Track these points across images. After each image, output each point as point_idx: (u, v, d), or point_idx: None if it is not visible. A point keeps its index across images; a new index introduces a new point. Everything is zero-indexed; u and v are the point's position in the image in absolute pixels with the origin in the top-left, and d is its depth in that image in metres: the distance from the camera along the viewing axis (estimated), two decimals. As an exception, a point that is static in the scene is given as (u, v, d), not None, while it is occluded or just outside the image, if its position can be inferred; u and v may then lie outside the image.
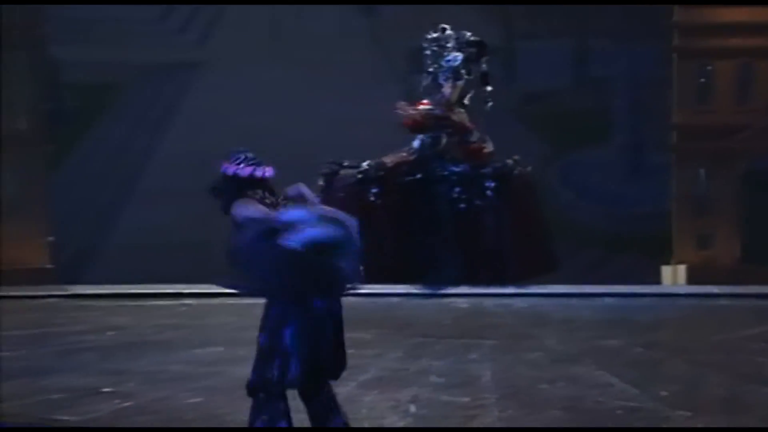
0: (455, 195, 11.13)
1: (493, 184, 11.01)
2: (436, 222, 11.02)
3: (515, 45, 15.75)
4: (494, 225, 10.92)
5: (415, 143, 11.45)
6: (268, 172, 6.14)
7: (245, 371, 7.92)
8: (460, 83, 11.61)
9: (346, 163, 11.41)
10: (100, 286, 11.29)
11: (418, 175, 11.20)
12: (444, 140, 11.28)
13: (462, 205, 11.07)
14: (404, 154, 11.45)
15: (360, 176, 11.09)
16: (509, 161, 11.11)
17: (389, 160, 11.38)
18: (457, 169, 11.14)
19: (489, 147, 11.31)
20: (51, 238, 20.24)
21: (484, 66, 11.67)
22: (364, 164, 11.32)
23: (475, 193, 11.08)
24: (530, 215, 11.04)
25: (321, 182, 11.40)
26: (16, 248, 20.17)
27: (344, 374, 7.95)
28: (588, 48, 25.86)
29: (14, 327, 8.88)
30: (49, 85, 18.49)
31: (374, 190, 10.97)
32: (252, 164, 6.07)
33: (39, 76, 18.69)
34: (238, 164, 6.02)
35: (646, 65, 26.41)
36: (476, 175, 11.20)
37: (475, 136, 11.23)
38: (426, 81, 11.90)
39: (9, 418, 6.70)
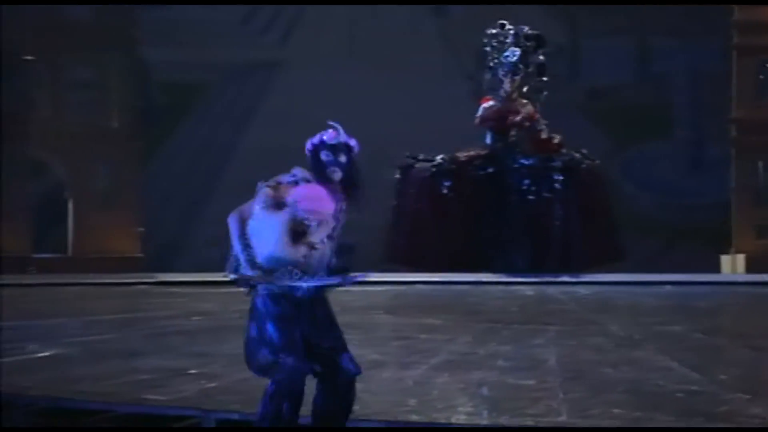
0: (524, 187, 11.13)
1: (561, 177, 10.99)
2: (506, 213, 11.00)
3: (580, 43, 15.63)
4: (562, 216, 10.90)
5: (488, 138, 11.44)
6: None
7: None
8: (518, 78, 11.58)
9: (421, 157, 11.46)
10: (187, 274, 11.36)
11: (490, 169, 11.20)
12: (514, 134, 11.26)
13: (531, 197, 11.06)
14: (477, 148, 11.45)
15: (434, 169, 11.12)
16: (577, 155, 11.08)
17: (462, 154, 11.39)
18: (527, 162, 11.14)
19: (557, 138, 11.29)
20: (141, 229, 20.41)
21: (541, 57, 11.64)
22: (438, 158, 11.37)
23: (544, 185, 11.07)
24: (597, 207, 11.01)
25: (397, 174, 11.43)
26: (109, 238, 20.37)
27: (416, 358, 7.95)
28: (650, 45, 25.69)
29: (107, 312, 8.97)
30: (140, 84, 18.67)
31: (446, 183, 11.01)
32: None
33: (131, 77, 18.87)
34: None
35: (706, 62, 26.16)
36: (545, 168, 11.19)
37: (542, 127, 11.20)
38: (488, 76, 11.86)
39: (104, 396, 6.76)
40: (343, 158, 5.32)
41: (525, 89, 11.35)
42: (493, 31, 11.41)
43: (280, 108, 17.02)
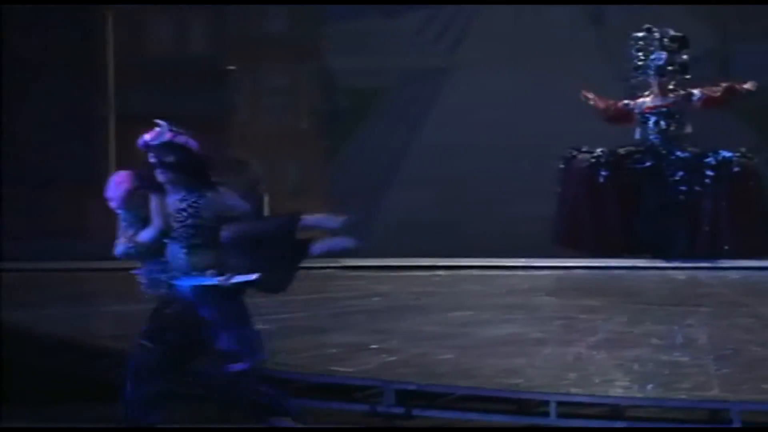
0: (677, 178, 10.83)
1: (713, 173, 10.65)
2: (661, 203, 10.76)
3: (730, 46, 15.17)
4: (712, 208, 10.57)
5: (644, 132, 11.17)
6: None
7: (491, 332, 7.92)
8: (665, 79, 11.28)
9: (583, 149, 11.27)
10: (368, 259, 11.43)
11: (647, 162, 10.95)
12: (672, 128, 10.98)
13: (684, 189, 10.76)
14: (635, 143, 11.21)
15: (593, 161, 10.95)
16: (730, 153, 10.73)
17: (622, 149, 11.18)
18: (682, 156, 10.84)
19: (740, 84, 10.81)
20: (328, 219, 20.64)
21: (684, 57, 11.31)
22: (598, 150, 11.16)
23: (696, 178, 10.76)
24: (748, 200, 10.63)
25: (561, 165, 11.30)
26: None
27: (575, 336, 7.83)
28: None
29: (296, 293, 9.05)
30: (326, 90, 18.81)
31: (604, 173, 10.82)
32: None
33: (319, 83, 19.03)
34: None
35: None
36: (698, 163, 10.86)
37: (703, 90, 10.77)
38: (635, 78, 11.58)
39: (295, 368, 6.84)
40: (170, 158, 4.87)
41: (671, 87, 11.01)
42: (639, 35, 11.14)
43: (450, 109, 16.94)
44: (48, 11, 14.55)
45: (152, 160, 4.83)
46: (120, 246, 4.98)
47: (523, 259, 10.89)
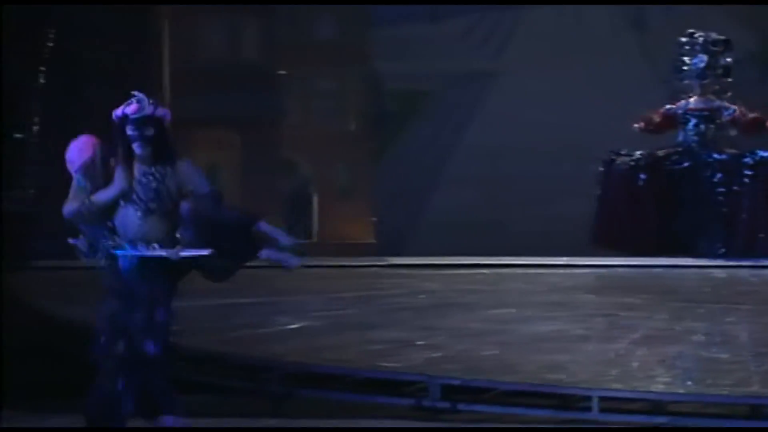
0: (716, 180, 10.73)
1: (751, 172, 10.54)
2: (701, 203, 10.67)
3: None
4: (750, 207, 10.47)
5: (680, 136, 11.08)
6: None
7: (534, 329, 7.88)
8: (708, 81, 11.16)
9: (623, 152, 11.19)
10: (414, 258, 11.42)
11: (685, 164, 10.86)
12: (711, 131, 10.87)
13: (722, 189, 10.66)
14: (674, 145, 11.11)
15: (632, 164, 10.87)
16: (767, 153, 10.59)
17: (661, 151, 11.09)
18: (720, 157, 10.75)
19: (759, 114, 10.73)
20: (374, 218, 20.67)
21: (728, 60, 11.18)
22: (637, 153, 11.08)
23: (735, 179, 10.65)
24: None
25: (601, 168, 11.22)
26: (347, 227, 20.69)
27: (617, 333, 7.77)
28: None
29: (346, 290, 9.08)
30: (373, 93, 18.84)
31: (642, 176, 10.74)
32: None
33: (366, 87, 19.06)
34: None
35: None
36: (737, 164, 10.75)
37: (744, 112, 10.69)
38: (678, 82, 11.48)
39: (345, 363, 6.83)
40: (149, 131, 4.67)
41: (714, 90, 10.93)
42: (684, 39, 11.05)
43: (493, 111, 16.91)
44: (106, 16, 14.64)
45: (130, 133, 4.64)
46: (70, 205, 4.76)
47: (564, 258, 10.83)
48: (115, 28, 15.22)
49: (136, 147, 4.73)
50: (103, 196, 4.78)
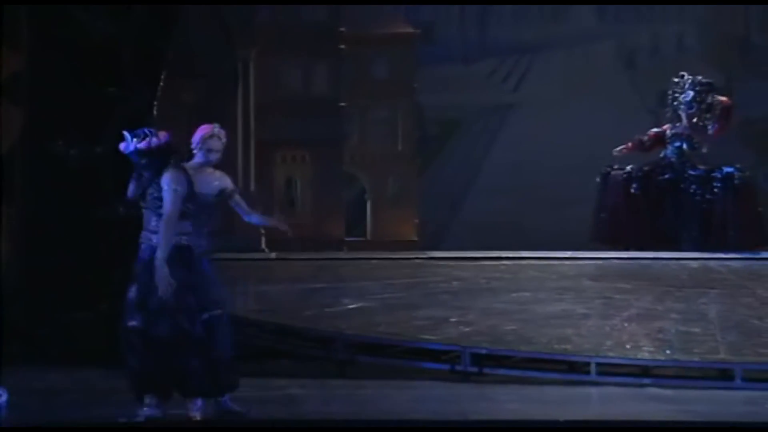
0: (692, 190, 10.74)
1: (720, 184, 10.57)
2: (680, 208, 10.68)
3: (734, 85, 14.98)
4: (719, 211, 10.49)
5: (666, 152, 11.06)
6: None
7: (546, 309, 7.91)
8: (692, 111, 11.15)
9: (616, 167, 11.22)
10: (449, 252, 11.46)
11: (667, 176, 10.87)
12: (685, 149, 10.87)
13: (697, 197, 10.67)
14: (657, 161, 11.11)
15: (625, 176, 10.89)
16: (732, 169, 10.61)
17: (647, 166, 11.09)
18: (694, 172, 10.76)
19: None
20: (417, 220, 20.79)
21: (710, 98, 11.16)
22: (629, 167, 11.11)
23: (707, 189, 10.66)
24: (748, 205, 10.55)
25: (598, 179, 11.25)
26: (395, 227, 20.82)
27: (612, 311, 7.79)
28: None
29: (395, 277, 9.17)
30: (418, 120, 19.02)
31: (635, 185, 10.76)
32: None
33: (412, 115, 19.24)
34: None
35: None
36: (708, 177, 10.78)
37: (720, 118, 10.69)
38: (668, 113, 11.50)
39: (395, 336, 6.91)
40: (141, 161, 4.66)
41: (695, 121, 10.99)
42: (676, 80, 11.24)
43: (515, 134, 17.03)
44: (200, 59, 14.90)
45: (133, 160, 4.76)
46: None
47: (570, 252, 10.85)
48: (207, 67, 15.51)
49: (136, 168, 4.81)
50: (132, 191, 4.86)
